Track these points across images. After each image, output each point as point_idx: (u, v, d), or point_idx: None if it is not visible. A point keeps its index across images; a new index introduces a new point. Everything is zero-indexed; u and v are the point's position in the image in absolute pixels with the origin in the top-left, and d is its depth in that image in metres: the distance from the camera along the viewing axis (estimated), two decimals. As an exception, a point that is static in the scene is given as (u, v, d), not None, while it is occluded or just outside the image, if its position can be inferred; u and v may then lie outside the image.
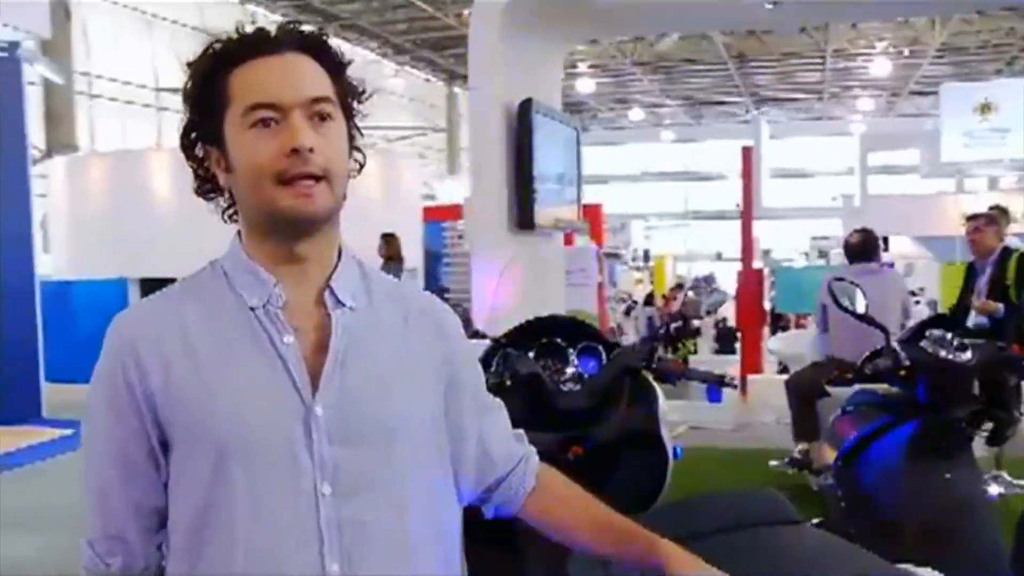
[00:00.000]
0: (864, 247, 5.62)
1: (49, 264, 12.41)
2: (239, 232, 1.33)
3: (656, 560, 1.37)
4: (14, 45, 6.98)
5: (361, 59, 24.44)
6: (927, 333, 3.08)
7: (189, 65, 1.30)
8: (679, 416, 8.28)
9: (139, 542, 1.27)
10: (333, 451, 1.22)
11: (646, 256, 25.04)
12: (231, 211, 1.34)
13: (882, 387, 3.14)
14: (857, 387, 3.29)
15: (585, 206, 13.53)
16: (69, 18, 14.93)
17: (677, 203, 33.04)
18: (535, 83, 5.95)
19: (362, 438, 1.24)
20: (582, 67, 23.69)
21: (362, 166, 1.37)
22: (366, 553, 1.22)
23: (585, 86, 24.46)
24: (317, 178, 1.23)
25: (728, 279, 15.47)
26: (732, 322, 14.73)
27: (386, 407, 1.27)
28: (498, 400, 1.51)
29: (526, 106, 5.52)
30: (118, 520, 1.26)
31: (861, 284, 3.37)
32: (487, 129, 5.46)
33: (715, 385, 2.97)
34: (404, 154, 21.69)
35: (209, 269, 1.33)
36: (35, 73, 9.11)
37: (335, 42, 1.34)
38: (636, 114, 30.59)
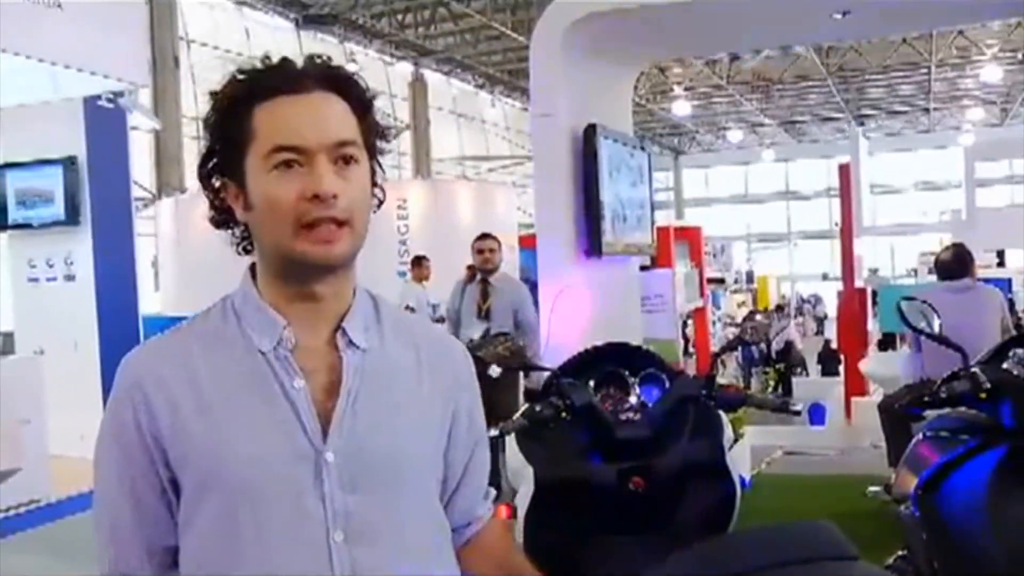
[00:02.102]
0: (955, 263, 5.38)
1: (159, 301, 12.93)
2: (251, 267, 1.32)
3: None
4: (118, 95, 7.30)
5: (459, 91, 24.85)
6: (1011, 353, 2.92)
7: (213, 95, 1.28)
8: (781, 440, 8.07)
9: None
10: (344, 497, 1.20)
11: (749, 277, 24.57)
12: (245, 244, 1.32)
13: (965, 411, 2.98)
14: (939, 413, 3.13)
15: (684, 228, 13.43)
16: (178, 65, 15.62)
17: (779, 223, 32.37)
18: (602, 107, 5.89)
19: (373, 483, 1.22)
20: (677, 90, 23.52)
21: (381, 202, 1.33)
22: None
23: (681, 108, 24.26)
24: (340, 223, 1.21)
25: (832, 299, 15.04)
26: (835, 344, 14.31)
27: (396, 452, 1.26)
28: (485, 449, 1.47)
29: (591, 131, 5.48)
30: (131, 558, 1.25)
31: (951, 302, 3.22)
32: (551, 155, 5.42)
33: (779, 412, 2.88)
34: (499, 183, 21.86)
35: (220, 306, 1.31)
36: (141, 120, 9.50)
37: (361, 77, 1.32)
38: (735, 135, 30.18)
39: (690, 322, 12.67)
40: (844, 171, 11.18)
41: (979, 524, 2.75)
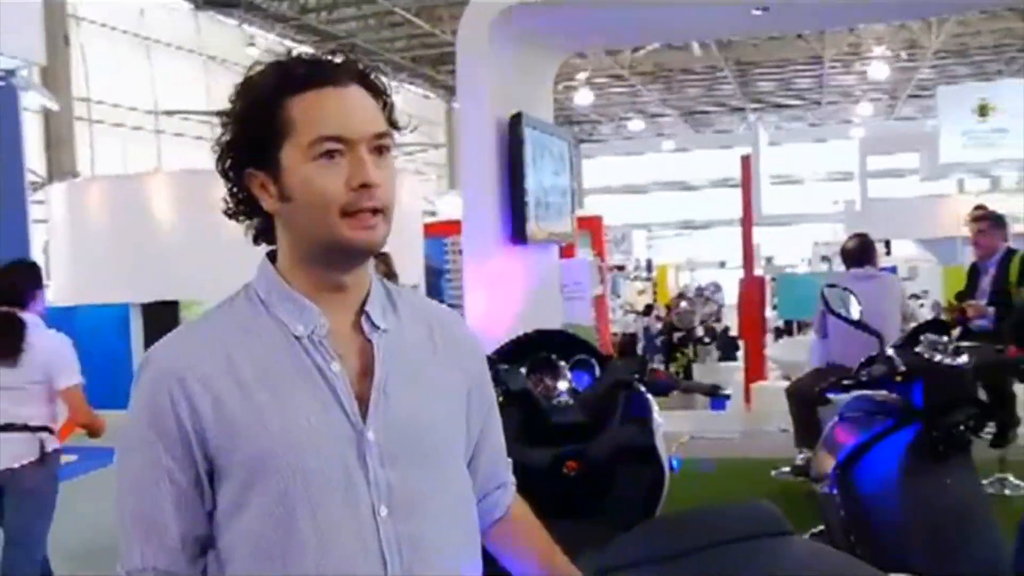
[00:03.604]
0: (860, 252, 5.61)
1: (51, 291, 12.42)
2: (268, 256, 1.35)
3: None
4: (10, 73, 6.99)
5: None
6: (922, 337, 3.06)
7: (242, 86, 1.30)
8: (683, 426, 8.27)
9: (187, 569, 1.26)
10: (386, 473, 1.25)
11: (648, 266, 25.00)
12: (262, 235, 1.35)
13: (880, 393, 3.12)
14: (855, 393, 3.26)
15: (586, 218, 13.62)
16: (68, 44, 15.00)
17: (679, 212, 33.02)
18: (526, 96, 5.96)
19: (411, 458, 1.28)
20: (580, 79, 23.72)
21: None
22: (423, 567, 1.26)
23: (583, 98, 24.48)
24: (377, 211, 1.26)
25: (731, 287, 15.44)
26: (734, 330, 14.71)
27: (429, 426, 1.32)
28: (498, 421, 1.55)
29: (516, 120, 5.53)
30: (167, 551, 1.25)
31: (858, 289, 3.36)
32: (477, 143, 5.47)
33: (708, 395, 2.95)
34: (403, 170, 21.74)
35: (243, 296, 1.33)
36: (33, 100, 9.13)
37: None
38: (636, 124, 30.62)
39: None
40: (745, 162, 11.48)
41: (892, 499, 2.89)
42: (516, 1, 5.56)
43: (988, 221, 6.07)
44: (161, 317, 12.00)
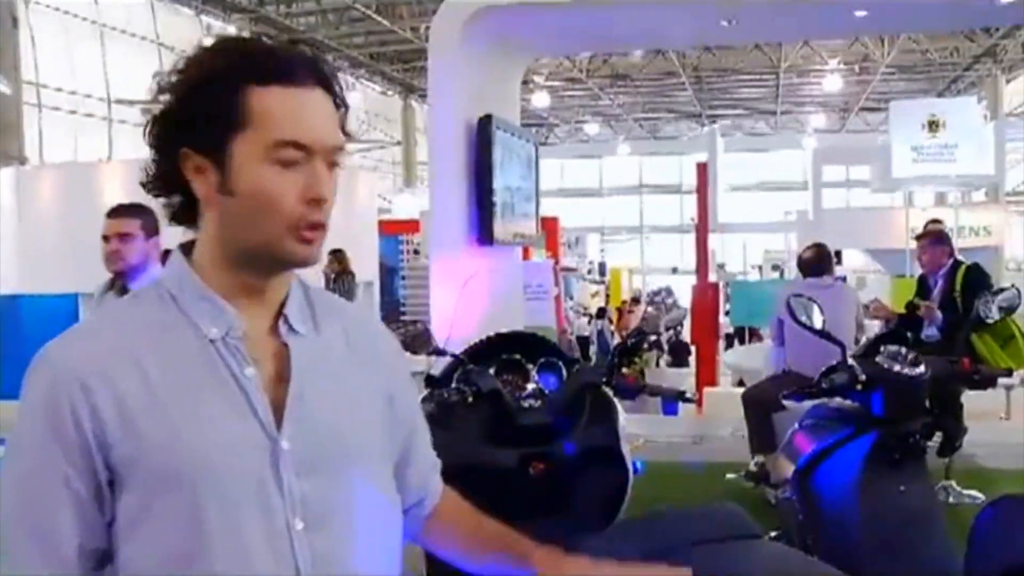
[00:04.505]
0: (818, 262, 5.71)
1: (-3, 278, 12.17)
2: (181, 250, 1.27)
3: (528, 566, 1.41)
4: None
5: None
6: (882, 348, 3.13)
7: (193, 60, 1.22)
8: (636, 429, 8.33)
9: None
10: (301, 484, 1.19)
11: (602, 269, 25.15)
12: (179, 216, 1.27)
13: (838, 401, 3.18)
14: (814, 401, 3.32)
15: (541, 219, 13.68)
16: (16, 26, 14.68)
17: (633, 216, 33.26)
18: (494, 98, 5.98)
19: (326, 468, 1.22)
20: (538, 80, 23.81)
21: None
22: None
23: (541, 100, 24.58)
24: (318, 226, 1.21)
25: (684, 292, 15.57)
26: (685, 335, 14.84)
27: (345, 435, 1.25)
28: (425, 426, 1.49)
29: (486, 121, 5.54)
30: (62, 562, 1.16)
31: (816, 299, 3.41)
32: (446, 144, 5.48)
33: (673, 400, 2.99)
34: (359, 168, 21.62)
35: (152, 293, 1.24)
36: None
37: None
38: (592, 128, 30.79)
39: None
40: (701, 169, 11.61)
41: (850, 505, 2.95)
42: (488, 4, 5.58)
43: (929, 239, 6.28)
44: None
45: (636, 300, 19.07)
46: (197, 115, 1.19)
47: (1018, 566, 2.14)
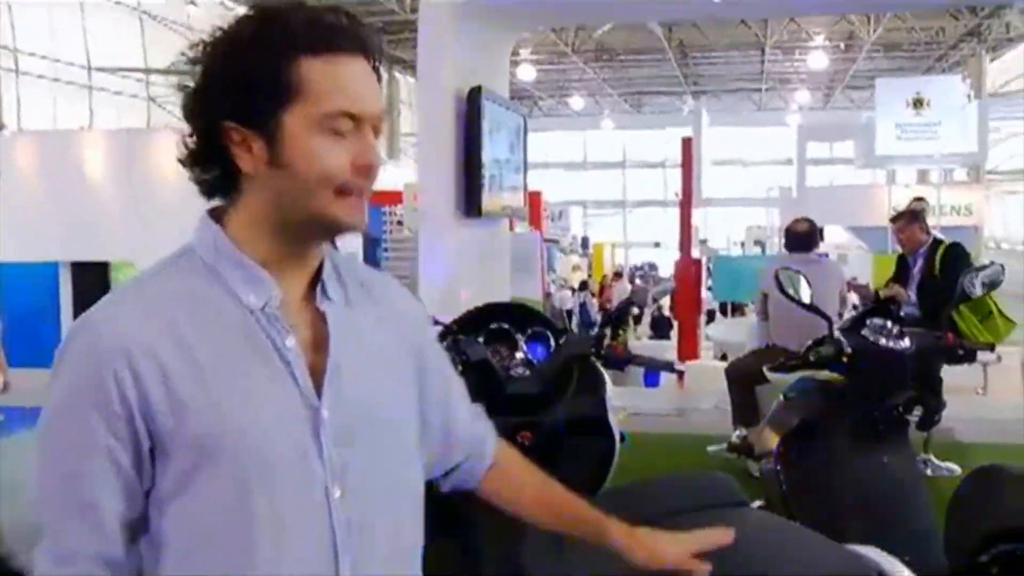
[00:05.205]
0: (808, 236, 5.74)
1: (-25, 247, 12.04)
2: (212, 216, 1.24)
3: (606, 540, 1.45)
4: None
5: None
6: (867, 322, 3.15)
7: (230, 33, 1.19)
8: (619, 402, 8.38)
9: (126, 557, 1.18)
10: (340, 453, 1.19)
11: (584, 243, 25.19)
12: (219, 190, 1.24)
13: (823, 374, 3.21)
14: (799, 374, 3.35)
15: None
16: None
17: (616, 191, 33.26)
18: (483, 71, 5.94)
19: (364, 437, 1.22)
20: (523, 54, 23.67)
21: None
22: (371, 552, 1.22)
23: (526, 74, 24.44)
24: (364, 192, 1.22)
25: (666, 267, 15.64)
26: (667, 310, 14.93)
27: (382, 402, 1.27)
28: (459, 379, 1.52)
29: (475, 93, 5.51)
30: (102, 536, 1.16)
31: (802, 272, 3.43)
32: (435, 116, 5.45)
33: (662, 371, 3.01)
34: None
35: (185, 260, 1.22)
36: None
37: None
38: (576, 102, 30.69)
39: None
40: (686, 144, 11.60)
41: (833, 476, 2.99)
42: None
43: (905, 219, 6.31)
44: (91, 277, 11.79)
45: (618, 274, 19.12)
46: (241, 88, 1.17)
47: (995, 532, 2.19)
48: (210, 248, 1.22)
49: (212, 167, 1.22)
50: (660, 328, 15.71)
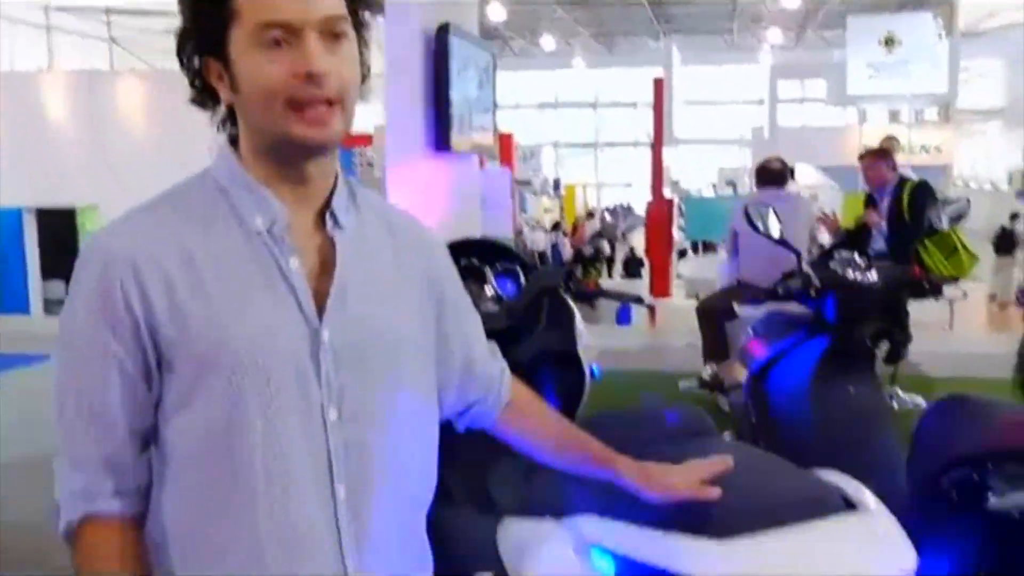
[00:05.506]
0: (779, 173, 5.77)
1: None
2: (230, 140, 1.28)
3: (618, 476, 1.50)
4: None
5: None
6: (835, 255, 3.18)
7: None
8: (590, 339, 8.42)
9: (133, 462, 1.22)
10: (339, 376, 1.21)
11: (556, 185, 25.13)
12: (228, 125, 1.28)
13: (792, 308, 3.24)
14: (767, 309, 3.38)
15: (497, 134, 13.60)
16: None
17: (588, 132, 33.11)
18: (451, 7, 5.85)
19: (365, 363, 1.23)
20: (494, -8, 23.32)
21: (366, 77, 1.29)
22: (367, 476, 1.23)
23: (496, 13, 24.12)
24: (331, 102, 1.18)
25: (639, 208, 15.65)
26: (640, 252, 14.96)
27: (387, 331, 1.27)
28: (478, 316, 1.52)
29: (444, 31, 5.45)
30: (113, 440, 1.20)
31: (774, 208, 3.44)
32: (403, 53, 5.38)
33: (631, 304, 3.02)
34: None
35: (199, 183, 1.26)
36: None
37: None
38: (548, 42, 30.37)
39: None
40: (658, 84, 11.56)
41: (802, 407, 3.03)
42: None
43: (871, 157, 6.36)
44: (58, 224, 11.65)
45: (591, 215, 19.14)
46: (199, 23, 1.20)
47: (956, 459, 2.23)
48: (224, 171, 1.26)
49: (216, 104, 1.26)
50: (633, 268, 15.80)
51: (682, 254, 14.21)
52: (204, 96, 1.26)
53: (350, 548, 1.22)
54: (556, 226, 18.31)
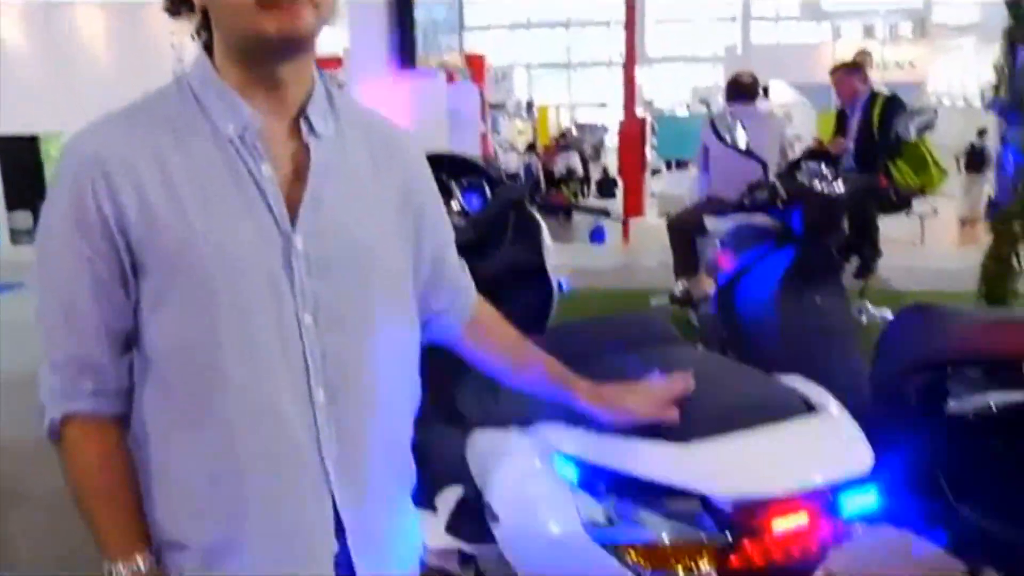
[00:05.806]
0: (750, 87, 5.73)
1: None
2: (205, 47, 1.26)
3: (574, 400, 1.54)
4: None
5: None
6: (803, 166, 3.17)
7: None
8: (562, 258, 8.42)
9: (110, 362, 1.23)
10: (313, 283, 1.22)
11: (529, 107, 24.85)
12: (201, 31, 1.27)
13: (760, 218, 3.24)
14: (736, 222, 3.38)
15: (468, 56, 13.36)
16: None
17: (561, 52, 32.66)
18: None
19: (339, 269, 1.24)
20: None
21: None
22: (343, 382, 1.24)
23: (466, -72, 23.58)
24: None
25: (613, 128, 15.55)
26: (614, 172, 14.91)
27: (361, 238, 1.27)
28: (450, 228, 1.51)
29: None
30: (88, 341, 1.22)
31: (741, 121, 3.41)
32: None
33: (599, 217, 3.01)
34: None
35: (175, 89, 1.25)
36: None
37: None
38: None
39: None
40: (629, 2, 11.34)
41: (769, 317, 3.05)
42: None
43: (842, 70, 6.34)
44: (21, 151, 11.42)
45: (564, 136, 18.99)
46: None
47: (917, 364, 2.26)
48: (198, 78, 1.24)
49: (189, 10, 1.25)
50: (607, 188, 15.76)
51: (655, 173, 14.17)
52: (178, 2, 1.25)
53: (330, 451, 1.23)
54: (531, 147, 18.18)
